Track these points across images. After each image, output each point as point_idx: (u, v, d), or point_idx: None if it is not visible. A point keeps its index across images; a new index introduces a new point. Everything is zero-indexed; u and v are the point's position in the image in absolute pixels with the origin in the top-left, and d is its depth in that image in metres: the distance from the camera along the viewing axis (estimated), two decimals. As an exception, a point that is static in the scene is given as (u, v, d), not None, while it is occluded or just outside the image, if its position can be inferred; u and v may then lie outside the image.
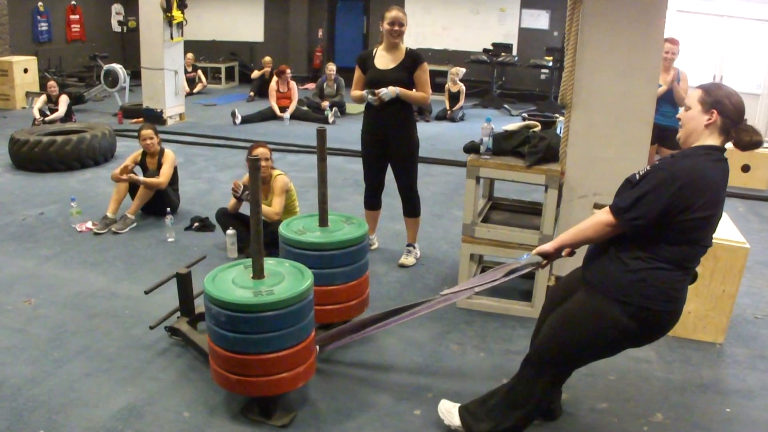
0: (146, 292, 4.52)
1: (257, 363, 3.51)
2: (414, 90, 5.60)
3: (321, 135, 4.24)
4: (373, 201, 6.10)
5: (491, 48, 15.98)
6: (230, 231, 5.97)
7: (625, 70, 4.72)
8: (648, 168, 3.05)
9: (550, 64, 15.52)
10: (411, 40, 17.12)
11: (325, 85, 13.74)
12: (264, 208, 5.90)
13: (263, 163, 5.89)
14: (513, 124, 5.33)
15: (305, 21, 18.40)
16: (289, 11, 18.30)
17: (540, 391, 3.39)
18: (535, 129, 5.27)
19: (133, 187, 6.82)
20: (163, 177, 6.81)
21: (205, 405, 3.89)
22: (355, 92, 5.73)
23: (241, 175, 6.46)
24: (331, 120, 12.64)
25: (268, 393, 3.67)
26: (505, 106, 15.15)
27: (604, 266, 3.14)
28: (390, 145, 5.66)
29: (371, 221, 6.13)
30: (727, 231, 5.20)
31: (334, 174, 8.70)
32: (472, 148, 5.07)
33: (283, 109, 12.93)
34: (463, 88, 13.92)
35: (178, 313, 4.62)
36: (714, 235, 4.95)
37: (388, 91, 5.43)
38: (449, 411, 3.71)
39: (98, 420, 3.70)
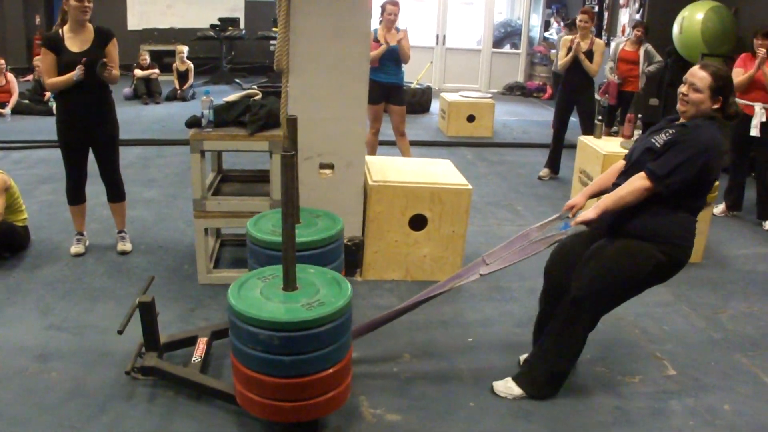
0: (119, 332, 3.83)
1: (317, 383, 3.21)
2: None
3: (291, 123, 3.98)
4: (80, 194, 5.70)
5: (218, 23, 15.78)
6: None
7: (337, 33, 4.84)
8: (666, 137, 3.55)
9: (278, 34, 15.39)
10: (135, 21, 16.57)
11: (45, 75, 13.00)
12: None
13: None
14: (233, 95, 5.32)
15: (20, 7, 17.14)
16: (1, -4, 17.05)
17: (582, 333, 3.81)
18: (256, 97, 5.29)
19: None
20: None
21: None
22: (56, 80, 5.22)
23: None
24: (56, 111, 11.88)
25: (328, 412, 3.42)
26: (236, 80, 15.08)
27: (640, 218, 3.62)
28: (94, 130, 5.39)
29: (79, 216, 5.76)
30: (450, 176, 5.50)
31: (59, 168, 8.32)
32: (194, 122, 5.02)
33: (2, 105, 12.11)
34: (191, 65, 13.69)
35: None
36: (438, 181, 5.28)
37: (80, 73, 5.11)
38: (506, 386, 3.96)
39: None
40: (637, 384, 4.16)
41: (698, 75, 3.54)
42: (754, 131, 6.99)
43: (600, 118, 8.13)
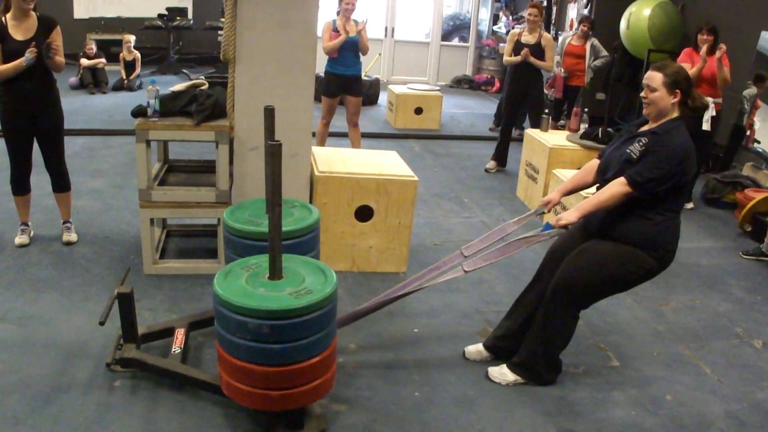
0: (101, 323, 3.66)
1: (306, 370, 3.21)
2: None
3: (269, 113, 3.90)
4: (25, 184, 5.58)
5: (166, 13, 15.58)
6: None
7: (285, 23, 4.80)
8: (640, 147, 3.69)
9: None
10: (81, 10, 16.30)
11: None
12: None
13: None
14: (180, 85, 5.27)
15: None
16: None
17: (570, 319, 3.96)
18: (203, 87, 5.26)
19: None
20: None
21: None
22: (3, 67, 5.09)
23: None
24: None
25: (316, 399, 3.43)
26: (184, 71, 14.86)
27: (633, 225, 3.77)
28: (39, 119, 5.30)
29: (24, 207, 5.63)
30: (396, 167, 5.52)
31: (3, 158, 8.15)
32: (139, 112, 4.96)
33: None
34: (138, 55, 13.49)
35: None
36: (385, 172, 5.31)
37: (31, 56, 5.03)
38: (501, 372, 4.12)
39: None
40: (581, 375, 4.24)
41: (651, 76, 3.74)
42: (706, 125, 7.14)
43: (547, 111, 8.22)
